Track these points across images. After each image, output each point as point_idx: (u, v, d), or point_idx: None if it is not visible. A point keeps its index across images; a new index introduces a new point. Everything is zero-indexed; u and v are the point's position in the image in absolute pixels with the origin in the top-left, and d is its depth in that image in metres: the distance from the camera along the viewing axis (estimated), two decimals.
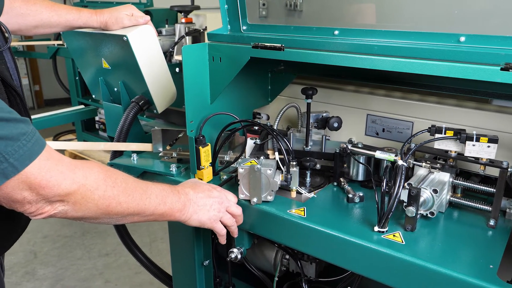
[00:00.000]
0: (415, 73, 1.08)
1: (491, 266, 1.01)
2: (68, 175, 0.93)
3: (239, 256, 1.46)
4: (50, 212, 0.94)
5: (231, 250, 1.47)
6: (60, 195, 0.92)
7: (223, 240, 1.34)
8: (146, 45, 1.67)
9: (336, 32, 1.25)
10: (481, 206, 1.22)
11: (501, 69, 0.95)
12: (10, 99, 1.07)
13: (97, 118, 4.90)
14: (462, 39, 1.05)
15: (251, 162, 1.31)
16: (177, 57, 2.58)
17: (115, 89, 1.84)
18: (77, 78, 5.00)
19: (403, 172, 1.16)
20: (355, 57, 1.16)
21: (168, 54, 2.59)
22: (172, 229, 1.70)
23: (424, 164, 1.27)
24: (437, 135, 1.25)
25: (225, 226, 1.32)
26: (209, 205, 1.26)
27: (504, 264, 1.04)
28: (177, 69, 2.28)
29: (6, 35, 1.14)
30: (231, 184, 1.44)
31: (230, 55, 1.39)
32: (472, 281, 0.96)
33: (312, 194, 1.38)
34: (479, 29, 1.04)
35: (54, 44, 4.89)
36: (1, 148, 0.83)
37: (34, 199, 0.90)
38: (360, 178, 1.43)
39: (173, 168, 1.55)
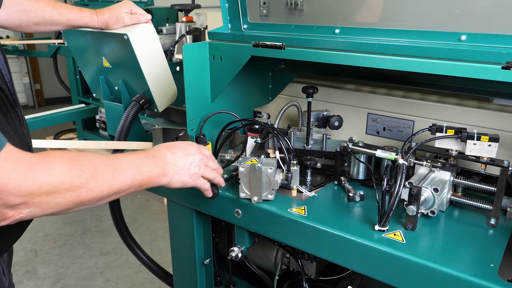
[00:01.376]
0: (416, 71, 1.08)
1: (491, 265, 1.01)
2: (28, 175, 0.85)
3: (239, 255, 1.46)
4: (15, 217, 0.86)
5: (231, 249, 1.47)
6: (22, 197, 0.84)
7: (208, 194, 1.30)
8: (146, 44, 1.66)
9: (337, 31, 1.25)
10: (482, 205, 1.21)
11: (502, 67, 0.95)
12: None
13: (97, 117, 4.91)
14: (463, 37, 1.05)
15: (251, 161, 1.31)
16: (177, 56, 2.58)
17: (116, 87, 1.84)
18: (77, 76, 5.00)
19: (404, 171, 1.16)
20: (356, 55, 1.15)
21: (168, 53, 2.59)
22: (172, 227, 1.70)
23: (425, 163, 1.27)
24: (438, 134, 1.24)
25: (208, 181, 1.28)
26: (188, 164, 1.20)
27: (505, 263, 1.04)
28: (177, 68, 2.28)
29: None
30: (232, 183, 1.44)
31: (230, 54, 1.39)
32: (473, 280, 0.96)
33: (312, 193, 1.38)
34: (480, 27, 1.04)
35: (54, 43, 4.89)
36: None
37: None
38: (361, 177, 1.43)
39: None
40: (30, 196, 0.85)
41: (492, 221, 1.18)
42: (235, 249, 1.46)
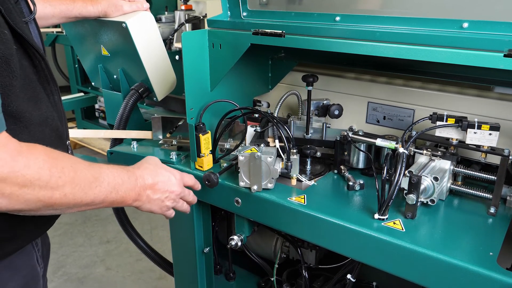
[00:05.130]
0: (417, 59, 1.07)
1: (491, 254, 1.01)
2: (8, 162, 0.82)
3: (239, 244, 1.46)
4: None
5: (231, 237, 1.48)
6: None
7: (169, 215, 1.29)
8: (145, 32, 1.65)
9: (338, 18, 1.24)
10: (482, 194, 1.21)
11: (504, 55, 0.94)
12: (35, 63, 1.03)
13: (97, 106, 4.89)
14: (465, 25, 1.04)
15: (251, 150, 1.30)
16: (177, 45, 2.56)
17: (115, 76, 1.83)
18: (76, 65, 4.97)
19: (404, 160, 1.15)
20: (356, 43, 1.14)
21: (167, 42, 2.57)
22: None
23: (425, 151, 1.26)
24: (438, 123, 1.24)
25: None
26: (163, 197, 1.20)
27: (504, 252, 1.04)
28: (177, 57, 2.27)
29: (32, 6, 1.10)
30: (232, 172, 1.44)
31: (230, 42, 1.38)
32: (472, 268, 0.97)
33: (312, 182, 1.37)
34: (482, 15, 1.03)
35: (53, 32, 4.86)
36: None
37: None
38: (361, 165, 1.43)
39: (173, 156, 1.54)
40: (3, 183, 0.83)
41: (492, 210, 1.18)
42: (235, 237, 1.47)
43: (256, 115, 1.64)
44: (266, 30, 1.28)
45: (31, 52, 1.01)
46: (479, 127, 1.18)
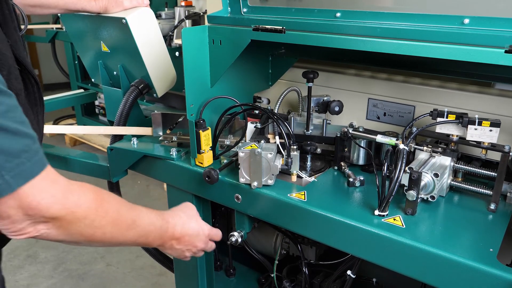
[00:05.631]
0: (418, 56, 1.06)
1: (491, 250, 1.01)
2: (60, 200, 0.88)
3: (239, 240, 1.47)
4: (32, 234, 0.88)
5: (231, 233, 1.48)
6: (47, 218, 0.87)
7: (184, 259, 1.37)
8: (145, 28, 1.65)
9: (338, 14, 1.23)
10: (482, 190, 1.21)
11: (505, 51, 0.94)
12: (28, 86, 1.05)
13: (97, 103, 4.89)
14: (466, 21, 1.04)
15: (251, 146, 1.30)
16: (176, 41, 2.56)
17: (115, 72, 1.83)
18: (76, 62, 4.97)
19: (404, 156, 1.15)
20: (357, 39, 1.14)
21: (167, 38, 2.57)
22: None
23: (425, 148, 1.26)
24: (439, 119, 1.24)
25: None
26: (185, 249, 1.27)
27: (504, 248, 1.05)
28: (177, 53, 2.26)
29: (21, 23, 1.11)
30: (232, 168, 1.44)
31: (230, 38, 1.37)
32: (472, 264, 0.97)
33: (312, 178, 1.37)
34: (483, 11, 1.02)
35: (52, 28, 4.85)
36: (0, 163, 0.78)
37: (19, 219, 0.84)
38: (361, 162, 1.43)
39: (173, 152, 1.54)
40: (54, 220, 0.88)
41: (492, 206, 1.18)
42: (235, 234, 1.47)
43: (256, 112, 1.64)
44: (267, 26, 1.27)
45: (25, 76, 1.03)
46: (479, 124, 1.18)
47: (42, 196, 0.85)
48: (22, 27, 1.10)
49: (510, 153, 1.15)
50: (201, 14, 2.82)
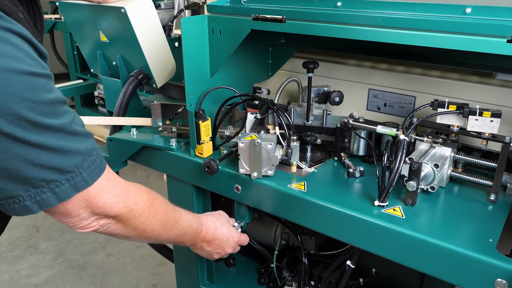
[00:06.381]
0: (419, 45, 1.06)
1: (490, 240, 1.01)
2: (122, 199, 0.98)
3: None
4: (95, 227, 0.98)
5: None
6: (110, 215, 0.97)
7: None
8: (144, 18, 1.63)
9: (339, 4, 1.22)
10: (482, 181, 1.21)
11: (508, 41, 0.93)
12: None
13: (96, 94, 4.87)
14: (468, 10, 1.03)
15: (251, 137, 1.30)
16: (176, 31, 2.54)
17: (114, 63, 1.82)
18: (75, 52, 4.93)
19: (405, 147, 1.15)
20: (358, 29, 1.13)
21: (167, 28, 2.54)
22: (172, 203, 1.70)
23: (425, 138, 1.26)
24: (439, 110, 1.23)
25: None
26: (213, 252, 1.37)
27: (503, 238, 1.05)
28: (176, 44, 2.24)
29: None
30: (232, 159, 1.44)
31: (230, 28, 1.36)
32: (471, 255, 0.97)
33: (312, 169, 1.37)
34: (485, 0, 1.01)
35: (51, 18, 4.81)
36: (78, 162, 0.86)
37: (86, 216, 0.94)
38: (361, 153, 1.43)
39: (173, 143, 1.54)
40: (116, 216, 0.99)
41: (492, 197, 1.18)
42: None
43: (256, 102, 1.63)
44: (267, 16, 1.26)
45: None
46: (480, 114, 1.17)
47: (109, 196, 0.94)
48: None
49: (511, 144, 1.15)
50: (201, 4, 2.79)
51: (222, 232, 1.36)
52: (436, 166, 1.18)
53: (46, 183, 0.83)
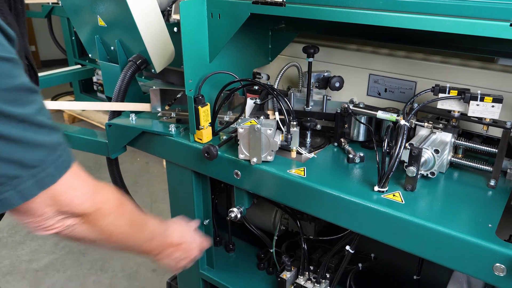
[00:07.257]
0: (420, 29, 1.04)
1: (490, 225, 1.02)
2: (90, 197, 0.92)
3: (238, 216, 1.47)
4: (59, 229, 0.91)
5: (231, 209, 1.48)
6: (77, 214, 0.91)
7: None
8: (143, 2, 1.61)
9: None
10: (482, 167, 1.21)
11: (510, 24, 0.92)
12: (31, 78, 1.05)
13: (95, 79, 4.85)
14: None
15: (251, 122, 1.29)
16: (175, 16, 2.51)
17: (112, 48, 1.80)
18: (73, 38, 4.90)
19: (405, 132, 1.14)
20: (358, 12, 1.11)
21: (165, 13, 2.52)
22: (172, 189, 1.71)
23: (426, 124, 1.25)
24: (440, 95, 1.22)
25: None
26: (179, 259, 1.31)
27: (503, 223, 1.05)
28: (175, 29, 2.22)
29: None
30: (231, 144, 1.43)
31: (229, 11, 1.34)
32: (470, 240, 0.97)
33: (312, 155, 1.37)
34: None
35: (48, 3, 4.76)
36: (43, 156, 0.80)
37: (52, 215, 0.87)
38: (361, 138, 1.42)
39: (172, 128, 1.53)
40: (83, 216, 0.92)
41: (492, 183, 1.18)
42: (234, 210, 1.47)
43: (256, 87, 1.62)
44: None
45: (29, 68, 1.03)
46: (481, 99, 1.16)
47: (76, 194, 0.88)
48: None
49: None
50: None
51: (188, 234, 1.34)
52: (437, 151, 1.18)
53: (8, 179, 0.76)
